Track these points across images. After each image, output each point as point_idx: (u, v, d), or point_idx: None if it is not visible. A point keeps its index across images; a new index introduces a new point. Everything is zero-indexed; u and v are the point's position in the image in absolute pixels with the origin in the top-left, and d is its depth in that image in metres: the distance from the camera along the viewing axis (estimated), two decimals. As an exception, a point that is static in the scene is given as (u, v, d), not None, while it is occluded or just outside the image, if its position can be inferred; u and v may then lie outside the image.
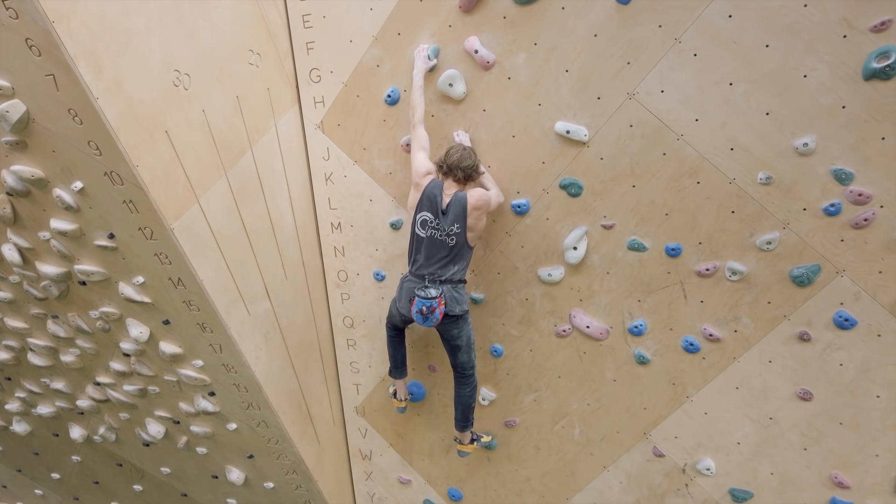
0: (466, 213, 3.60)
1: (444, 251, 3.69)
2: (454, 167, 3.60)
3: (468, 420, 4.22)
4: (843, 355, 3.46)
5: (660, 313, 3.80)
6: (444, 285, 3.73)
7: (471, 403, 4.16)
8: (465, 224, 3.62)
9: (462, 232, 3.64)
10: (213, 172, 3.67)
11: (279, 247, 4.22)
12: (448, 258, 3.70)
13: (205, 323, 3.90)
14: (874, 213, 3.15)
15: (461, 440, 4.37)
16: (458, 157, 3.60)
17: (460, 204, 3.60)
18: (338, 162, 4.25)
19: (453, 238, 3.65)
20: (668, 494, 4.15)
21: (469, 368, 4.05)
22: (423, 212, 3.68)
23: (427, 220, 3.68)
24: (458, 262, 3.74)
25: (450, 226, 3.63)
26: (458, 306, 3.79)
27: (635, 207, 3.64)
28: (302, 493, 4.92)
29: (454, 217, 3.61)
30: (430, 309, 3.68)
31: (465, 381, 4.09)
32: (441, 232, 3.66)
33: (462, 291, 3.82)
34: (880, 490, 3.64)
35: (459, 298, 3.80)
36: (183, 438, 4.92)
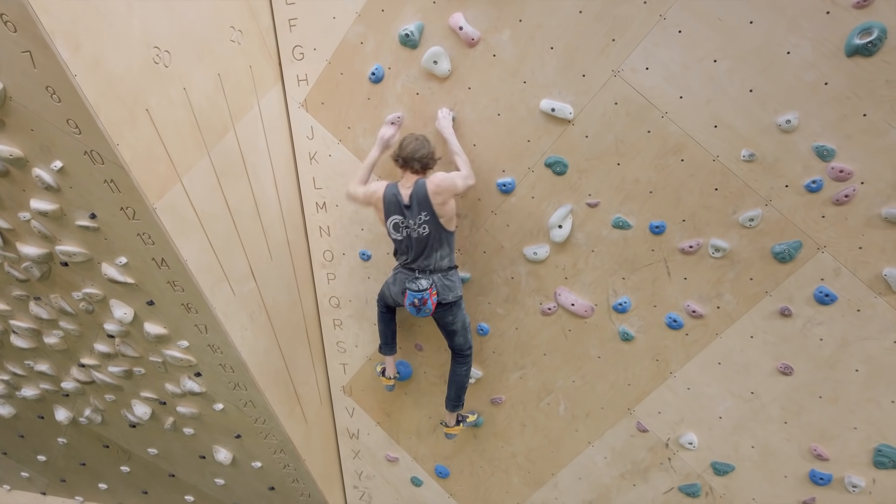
0: (429, 199, 3.61)
1: (423, 243, 3.72)
2: (409, 158, 3.65)
3: (460, 400, 4.26)
4: (823, 330, 3.52)
5: (644, 290, 3.83)
6: (434, 275, 3.78)
7: (465, 384, 4.21)
8: (431, 210, 3.63)
9: (432, 218, 3.66)
10: (195, 151, 3.63)
11: (264, 227, 4.19)
12: (429, 247, 3.73)
13: (189, 303, 3.87)
14: (855, 189, 3.19)
15: (447, 423, 4.41)
16: (412, 147, 3.65)
17: (421, 192, 3.62)
18: (322, 141, 4.22)
19: (425, 227, 3.67)
20: (651, 468, 4.21)
21: (466, 349, 4.10)
22: (393, 216, 3.74)
23: (398, 223, 3.74)
24: (440, 248, 3.75)
25: (417, 216, 3.66)
26: (451, 293, 3.83)
27: (620, 185, 3.65)
28: (290, 471, 4.94)
29: (419, 207, 3.64)
30: (421, 301, 3.74)
31: (462, 360, 4.13)
32: (412, 227, 3.69)
33: (453, 278, 3.86)
34: (858, 462, 3.72)
35: (451, 286, 3.83)
36: (169, 419, 4.92)
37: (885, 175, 3.12)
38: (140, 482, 5.86)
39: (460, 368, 4.16)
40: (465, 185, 3.70)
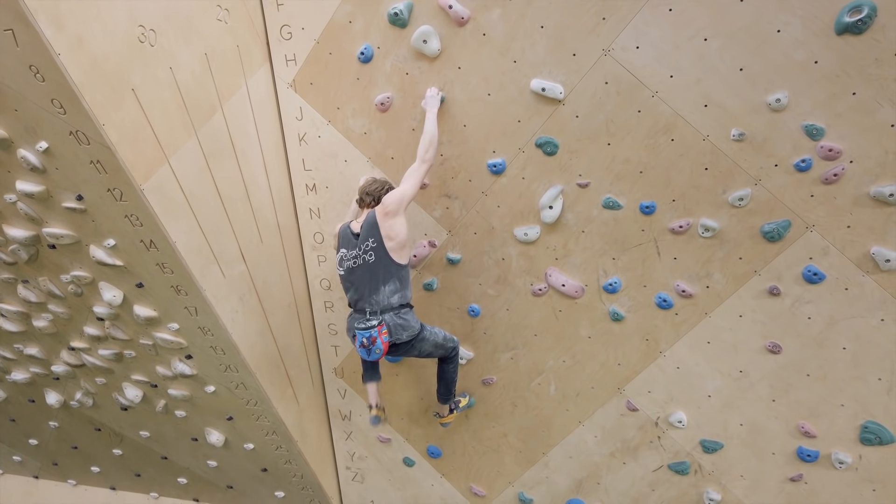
0: (377, 224, 3.54)
1: (368, 274, 3.58)
2: (362, 193, 3.72)
3: (450, 392, 4.26)
4: (811, 309, 3.54)
5: (634, 271, 3.84)
6: (385, 314, 3.58)
7: (454, 378, 4.20)
8: (379, 235, 3.53)
9: (379, 244, 3.54)
10: (182, 132, 3.60)
11: (253, 208, 4.17)
12: (375, 280, 3.57)
13: (179, 285, 3.86)
14: (844, 168, 3.19)
15: (440, 413, 4.43)
16: (363, 184, 3.75)
17: (370, 219, 3.58)
18: (311, 122, 4.19)
19: (370, 254, 3.56)
20: (641, 447, 4.25)
21: (449, 352, 4.03)
22: (340, 250, 3.75)
23: (343, 256, 3.69)
24: (388, 281, 3.58)
25: (363, 243, 3.57)
26: (405, 332, 3.63)
27: (610, 165, 3.64)
28: (282, 453, 4.96)
29: (367, 233, 3.57)
30: (370, 339, 3.52)
31: (448, 361, 4.09)
32: (358, 256, 3.60)
33: (407, 316, 3.66)
34: (845, 438, 3.76)
35: (405, 324, 3.62)
36: (161, 402, 4.92)
37: (873, 154, 3.13)
38: (133, 465, 5.87)
39: (447, 366, 4.11)
40: (401, 196, 3.54)
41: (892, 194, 3.14)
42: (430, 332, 3.83)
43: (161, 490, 6.07)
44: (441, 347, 3.93)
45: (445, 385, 4.20)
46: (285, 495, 5.43)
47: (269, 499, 5.54)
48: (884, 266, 3.30)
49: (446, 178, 4.01)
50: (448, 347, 3.98)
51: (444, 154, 3.94)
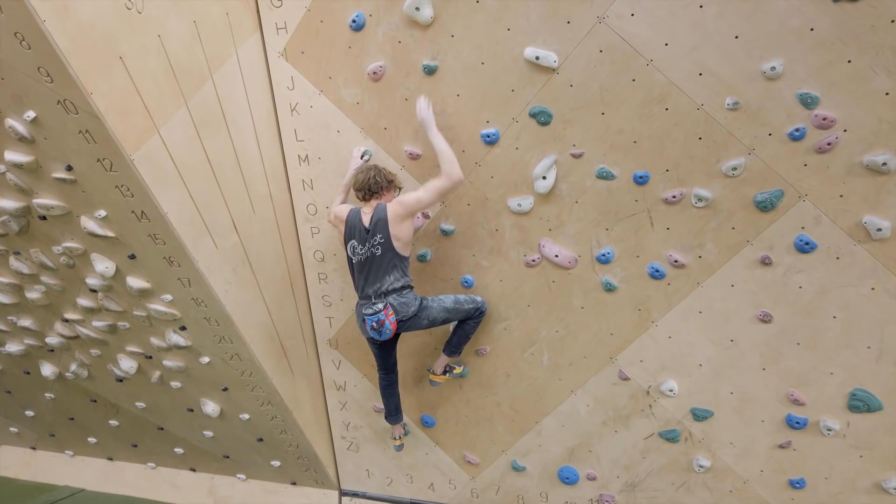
0: (387, 222, 3.73)
1: (375, 265, 3.81)
2: (362, 188, 3.83)
3: (460, 347, 4.33)
4: (802, 278, 3.56)
5: (627, 241, 3.85)
6: (388, 297, 3.83)
7: (469, 334, 4.27)
8: (388, 233, 3.74)
9: (387, 241, 3.76)
10: (172, 102, 3.56)
11: (245, 180, 4.14)
12: (381, 270, 3.81)
13: (171, 257, 3.85)
14: (837, 137, 3.19)
15: (434, 370, 4.48)
16: (363, 177, 3.83)
17: (381, 215, 3.75)
18: (303, 92, 4.14)
19: (378, 248, 3.78)
20: (632, 416, 4.30)
21: (470, 313, 4.15)
22: (351, 240, 3.87)
23: (355, 247, 3.86)
24: (392, 271, 3.82)
25: (373, 238, 3.77)
26: (409, 308, 3.88)
27: (604, 135, 3.63)
28: (278, 423, 5.01)
29: (377, 229, 3.76)
30: (379, 322, 3.79)
31: (470, 319, 4.20)
32: (367, 250, 3.81)
33: (408, 295, 3.89)
34: (834, 406, 3.81)
35: (407, 302, 3.87)
36: (156, 373, 4.94)
37: (867, 122, 3.12)
38: (129, 436, 5.92)
39: (468, 322, 4.22)
40: (434, 198, 3.67)
41: (886, 163, 3.14)
42: (434, 299, 4.02)
43: (158, 460, 6.13)
44: (457, 311, 4.09)
45: (458, 338, 4.29)
46: (281, 465, 5.49)
47: (266, 468, 5.61)
48: (875, 235, 3.32)
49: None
50: (466, 309, 4.11)
51: (438, 125, 3.90)
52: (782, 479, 4.10)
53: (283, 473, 5.61)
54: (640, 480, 4.48)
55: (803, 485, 4.05)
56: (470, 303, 4.12)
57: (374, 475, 5.42)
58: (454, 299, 4.09)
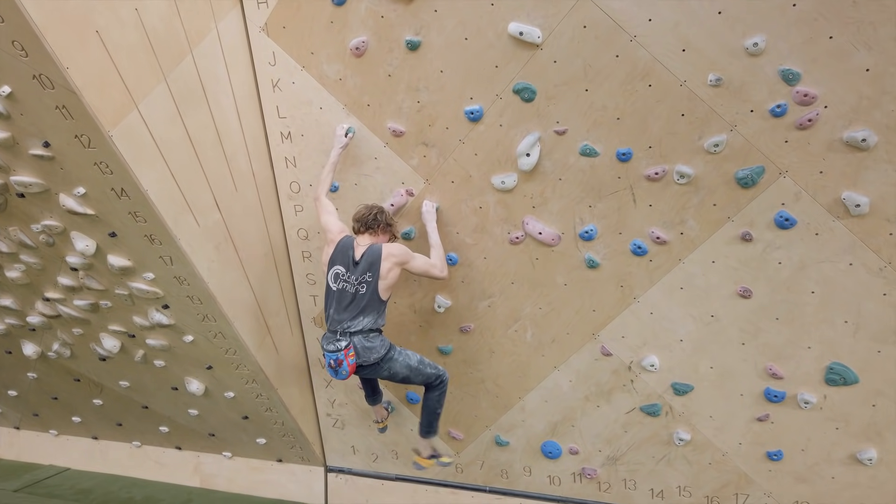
0: (380, 260, 3.71)
1: (354, 302, 3.76)
2: (361, 221, 3.83)
3: (432, 427, 4.27)
4: (782, 254, 3.61)
5: (610, 218, 3.87)
6: (354, 336, 3.75)
7: (437, 410, 4.20)
8: (377, 273, 3.72)
9: (374, 281, 3.73)
10: (151, 77, 3.50)
11: (227, 157, 4.10)
12: (358, 309, 3.76)
13: (153, 235, 3.82)
14: (818, 113, 3.21)
15: (420, 452, 4.50)
16: (365, 211, 3.84)
17: (374, 254, 3.74)
18: (285, 67, 4.09)
19: (364, 286, 3.74)
20: (614, 390, 4.35)
21: (434, 381, 4.09)
22: (336, 265, 3.82)
23: (339, 274, 3.80)
24: (369, 313, 3.78)
25: (361, 275, 3.74)
26: (373, 354, 3.80)
27: (588, 112, 3.62)
28: (263, 401, 5.02)
29: (366, 266, 3.74)
30: (336, 361, 3.70)
31: (432, 388, 4.13)
32: (351, 283, 3.76)
33: (375, 340, 3.83)
34: (811, 380, 3.89)
35: (372, 347, 3.79)
36: (139, 352, 4.92)
37: (847, 99, 3.15)
38: (113, 414, 5.91)
39: (431, 394, 4.15)
40: (424, 269, 3.87)
41: (865, 139, 3.17)
42: (401, 353, 3.97)
43: (143, 439, 6.13)
44: (418, 373, 4.02)
45: (427, 416, 4.22)
46: (267, 442, 5.51)
47: (251, 446, 5.63)
48: (854, 211, 3.36)
49: (423, 125, 3.97)
50: (428, 374, 4.05)
51: (421, 101, 3.89)
52: (760, 452, 4.19)
53: (269, 451, 5.64)
54: (622, 454, 4.55)
55: (780, 456, 4.14)
56: (432, 368, 4.08)
57: (360, 452, 5.46)
58: (419, 360, 4.03)
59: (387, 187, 4.24)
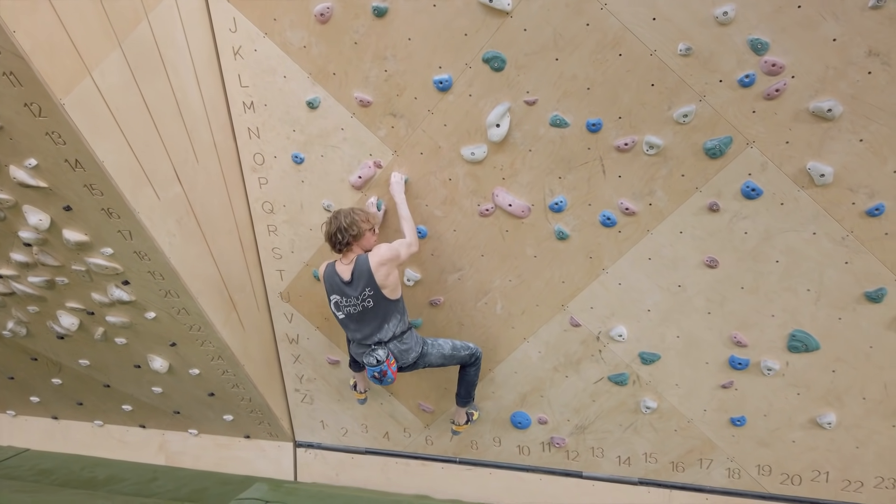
0: (372, 273, 3.65)
1: (369, 317, 3.75)
2: (332, 237, 3.70)
3: (470, 396, 4.40)
4: (748, 224, 3.65)
5: (579, 189, 3.86)
6: (390, 343, 3.81)
7: (474, 381, 4.33)
8: (375, 283, 3.67)
9: (376, 292, 3.69)
10: (105, 42, 3.34)
11: (187, 127, 3.96)
12: (377, 321, 3.76)
13: (110, 208, 3.68)
14: (786, 83, 3.23)
15: (457, 421, 4.62)
16: (331, 226, 3.70)
17: (363, 267, 3.67)
18: (246, 34, 3.94)
19: (370, 300, 3.71)
20: (583, 360, 4.40)
21: (466, 360, 4.18)
22: (332, 295, 3.80)
23: (339, 302, 3.78)
24: (390, 318, 3.79)
25: (361, 292, 3.69)
26: (410, 354, 3.90)
27: (558, 82, 3.58)
28: (229, 377, 4.94)
29: (362, 282, 3.68)
30: (381, 373, 3.76)
31: (469, 366, 4.24)
32: (356, 304, 3.73)
33: (409, 339, 3.89)
34: (774, 347, 3.98)
35: (408, 347, 3.88)
36: (99, 329, 4.78)
37: (814, 69, 3.17)
38: (73, 394, 5.76)
39: (468, 370, 4.27)
40: (408, 254, 3.78)
41: (831, 109, 3.20)
42: (434, 346, 4.05)
43: (105, 418, 6.00)
44: (452, 358, 4.14)
45: (465, 388, 4.36)
46: (234, 419, 5.44)
47: (218, 422, 5.55)
48: (818, 181, 3.41)
49: (391, 95, 3.88)
50: (462, 357, 4.17)
51: (389, 70, 3.80)
52: (724, 418, 4.29)
53: (237, 427, 5.58)
54: (590, 423, 4.62)
55: (744, 422, 4.25)
56: (465, 349, 4.17)
57: (329, 426, 5.43)
58: (452, 346, 4.12)
59: (354, 159, 4.15)
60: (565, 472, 4.90)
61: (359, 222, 3.72)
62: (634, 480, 4.75)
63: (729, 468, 4.47)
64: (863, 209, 3.44)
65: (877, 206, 3.41)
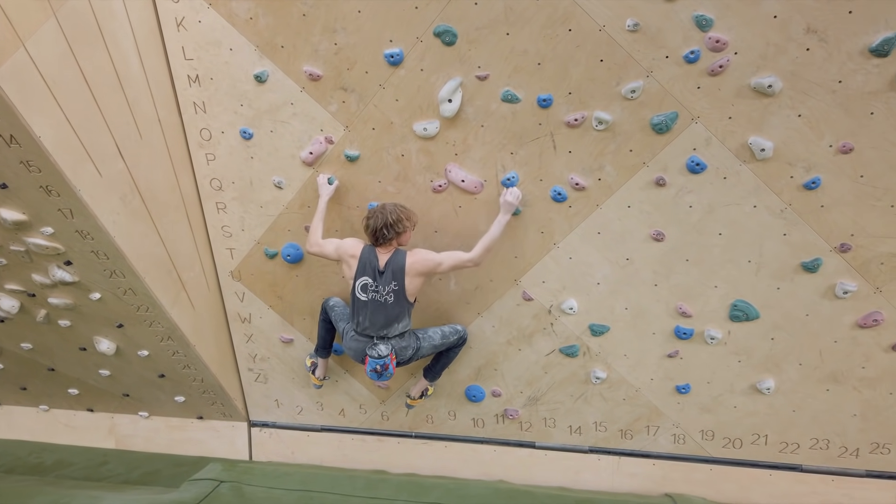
0: (404, 272, 3.79)
1: (385, 311, 3.86)
2: (377, 232, 3.77)
3: (439, 373, 4.53)
4: (692, 198, 3.76)
5: (531, 165, 3.90)
6: (392, 340, 3.95)
7: (451, 360, 4.45)
8: (403, 282, 3.80)
9: (400, 289, 3.82)
10: (38, 12, 3.18)
11: (129, 101, 3.82)
12: (391, 317, 3.88)
13: (49, 186, 3.53)
14: (729, 59, 3.31)
15: (412, 394, 4.70)
16: (377, 220, 3.77)
17: (398, 263, 3.80)
18: (189, 5, 3.82)
19: (391, 296, 3.82)
20: (535, 334, 4.48)
21: (454, 343, 4.35)
22: (363, 277, 3.85)
23: (367, 285, 3.85)
24: (401, 318, 3.92)
25: (387, 284, 3.81)
26: (408, 351, 4.05)
27: (509, 57, 3.59)
28: (180, 358, 4.85)
29: (391, 275, 3.80)
30: (383, 366, 3.89)
31: (454, 347, 4.38)
32: (380, 293, 3.83)
33: (408, 338, 4.04)
34: (717, 317, 4.13)
35: (406, 345, 4.02)
36: (42, 312, 4.62)
37: (756, 45, 3.25)
38: (16, 379, 5.57)
39: (451, 350, 4.40)
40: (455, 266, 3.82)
41: (771, 85, 3.30)
42: (425, 339, 4.17)
43: (51, 402, 5.83)
44: (442, 346, 4.29)
45: (441, 365, 4.49)
46: (186, 400, 5.36)
47: (169, 404, 5.46)
48: (759, 155, 3.52)
49: (341, 69, 3.83)
50: (451, 342, 4.33)
51: (339, 43, 3.74)
52: (670, 386, 4.44)
53: (189, 408, 5.50)
54: (542, 394, 4.72)
55: (688, 390, 4.41)
56: (454, 335, 4.32)
57: (284, 405, 5.41)
58: (441, 334, 4.25)
59: (305, 134, 4.09)
60: (519, 443, 5.01)
61: (404, 220, 3.82)
62: (585, 449, 4.89)
63: (674, 434, 4.64)
64: (800, 182, 3.58)
65: (813, 180, 3.54)
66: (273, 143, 4.15)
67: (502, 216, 3.84)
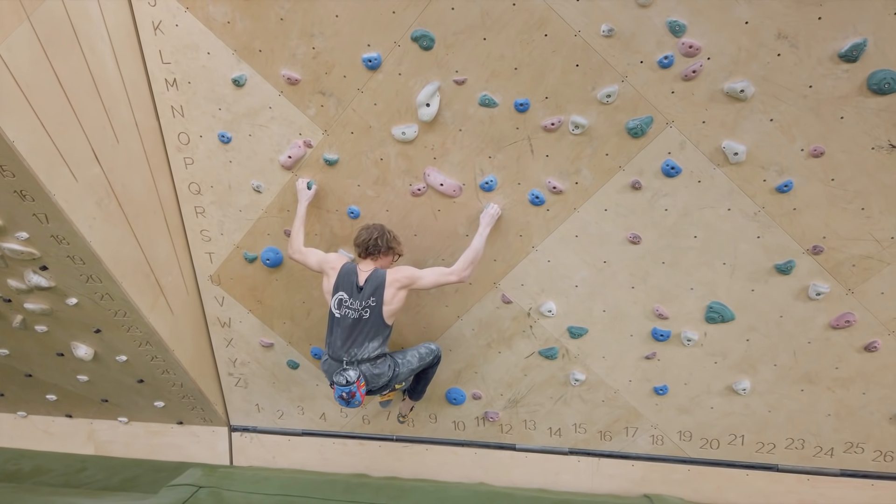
0: (384, 286, 3.75)
1: (359, 328, 3.79)
2: (363, 246, 3.83)
3: (423, 393, 4.54)
4: (668, 201, 3.80)
5: (509, 168, 3.92)
6: (363, 364, 3.82)
7: (431, 379, 4.46)
8: (381, 298, 3.76)
9: (378, 306, 3.77)
10: (11, 15, 3.16)
11: (105, 105, 3.80)
12: (364, 335, 3.80)
13: (23, 190, 3.51)
14: (702, 64, 3.35)
15: (403, 412, 4.79)
16: (365, 235, 3.83)
17: (378, 279, 3.77)
18: (166, 8, 3.81)
19: (367, 311, 3.77)
20: (515, 336, 4.50)
21: (431, 363, 4.32)
22: (340, 292, 3.82)
23: (343, 300, 3.81)
24: (375, 338, 3.83)
25: (365, 300, 3.76)
26: (381, 379, 3.91)
27: (486, 62, 3.61)
28: (159, 363, 4.82)
29: (370, 291, 3.76)
30: (349, 394, 3.72)
31: (431, 366, 4.37)
32: (356, 309, 3.78)
33: (383, 365, 3.90)
34: (693, 319, 4.17)
35: (381, 373, 3.89)
36: (18, 317, 4.58)
37: (728, 50, 3.30)
38: (-7, 386, 5.52)
39: (430, 370, 4.40)
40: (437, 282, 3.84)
41: (743, 90, 3.35)
42: (403, 364, 4.06)
43: (28, 408, 5.77)
44: (420, 367, 4.22)
45: (423, 385, 4.49)
46: (165, 405, 5.33)
47: (149, 409, 5.42)
48: (732, 159, 3.57)
49: (319, 73, 3.83)
50: (428, 363, 4.27)
51: (317, 47, 3.75)
52: (648, 387, 4.48)
53: (168, 413, 5.46)
54: (522, 396, 4.74)
55: (666, 391, 4.45)
56: (430, 355, 4.26)
57: (265, 409, 5.39)
58: (419, 357, 4.17)
59: (283, 138, 4.09)
60: (499, 446, 5.03)
61: (393, 243, 3.90)
62: (565, 451, 4.92)
63: (653, 435, 4.68)
64: (773, 186, 3.63)
65: (786, 183, 3.60)
66: (252, 147, 4.14)
67: (483, 229, 3.88)
